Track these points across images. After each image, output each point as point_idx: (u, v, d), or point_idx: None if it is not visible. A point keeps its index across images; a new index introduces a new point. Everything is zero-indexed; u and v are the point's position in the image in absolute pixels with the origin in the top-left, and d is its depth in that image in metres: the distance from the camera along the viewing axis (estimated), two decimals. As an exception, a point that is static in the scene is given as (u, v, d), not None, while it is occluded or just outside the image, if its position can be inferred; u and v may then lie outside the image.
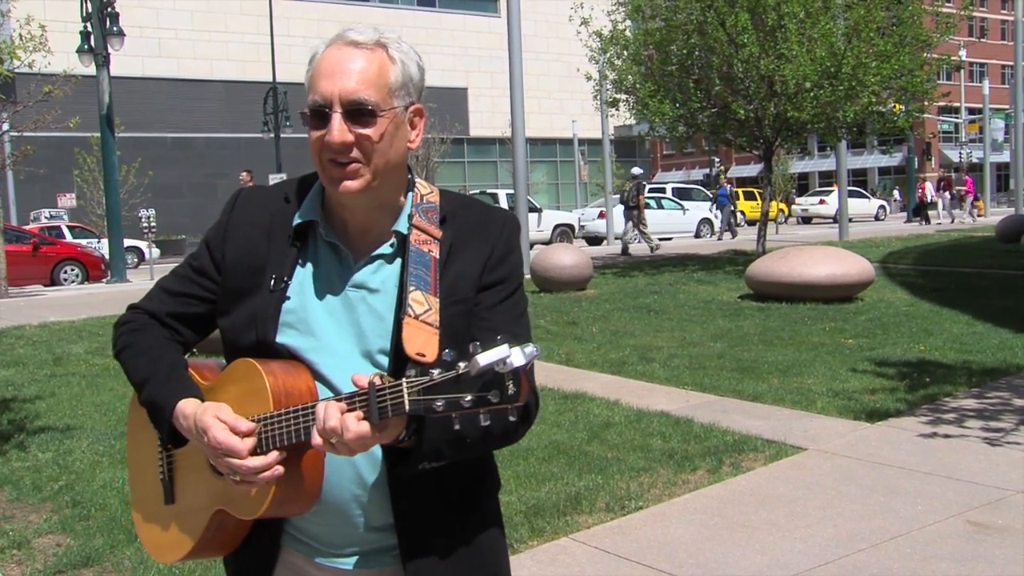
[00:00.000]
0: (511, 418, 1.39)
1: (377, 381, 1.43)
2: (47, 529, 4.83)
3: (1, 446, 6.42)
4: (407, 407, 1.38)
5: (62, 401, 7.83)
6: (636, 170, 24.47)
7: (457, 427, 1.38)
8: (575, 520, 4.78)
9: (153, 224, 22.72)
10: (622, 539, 4.54)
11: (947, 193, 36.28)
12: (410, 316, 1.60)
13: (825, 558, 4.21)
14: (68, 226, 29.53)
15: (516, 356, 1.32)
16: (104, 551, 4.45)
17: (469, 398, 1.34)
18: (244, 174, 20.10)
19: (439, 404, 1.35)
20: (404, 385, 1.39)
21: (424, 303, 1.62)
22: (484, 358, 1.32)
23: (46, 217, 32.33)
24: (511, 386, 1.33)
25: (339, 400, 1.48)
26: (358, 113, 1.61)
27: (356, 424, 1.44)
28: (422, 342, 1.56)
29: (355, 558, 1.72)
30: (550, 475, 5.45)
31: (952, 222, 34.26)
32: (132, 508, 1.91)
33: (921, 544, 4.34)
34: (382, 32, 1.67)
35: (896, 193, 54.35)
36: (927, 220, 34.91)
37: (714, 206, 32.61)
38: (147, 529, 1.85)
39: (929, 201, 36.33)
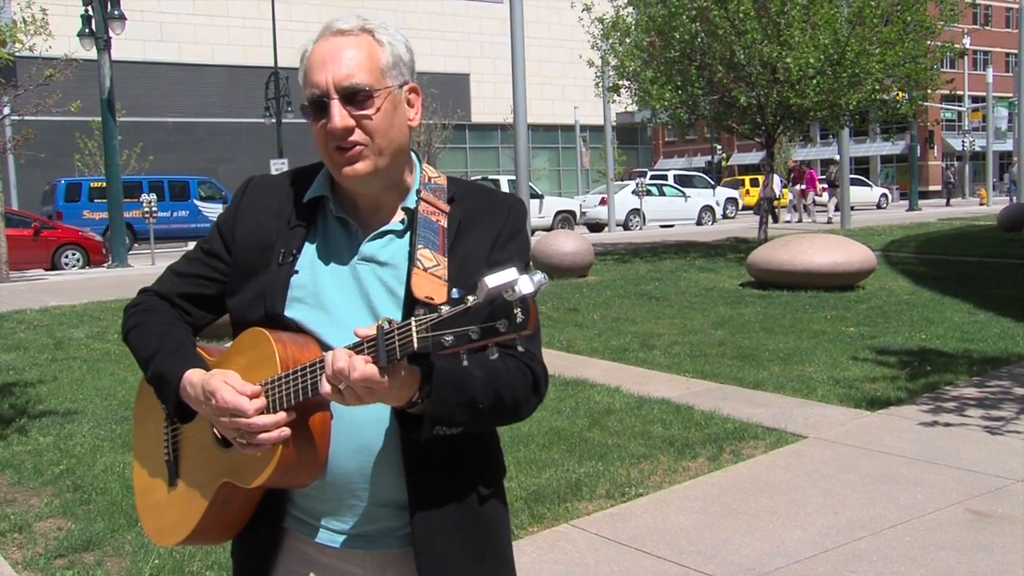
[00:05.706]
0: (519, 348, 1.37)
1: (385, 325, 1.41)
2: (48, 513, 4.85)
3: (2, 430, 6.43)
4: (415, 345, 1.36)
5: (63, 385, 7.84)
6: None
7: (465, 363, 1.36)
8: (575, 507, 4.79)
9: (155, 209, 22.69)
10: (622, 526, 4.55)
11: (797, 186, 32.10)
12: (419, 268, 1.62)
13: (825, 546, 4.22)
14: None
15: (524, 283, 1.30)
16: (105, 535, 4.47)
17: (477, 329, 1.31)
18: None
19: (448, 339, 1.33)
20: (412, 323, 1.37)
21: (433, 259, 1.64)
22: (492, 280, 1.30)
23: None
24: (519, 314, 1.30)
25: (348, 348, 1.46)
26: (354, 96, 1.64)
27: (363, 365, 1.42)
28: (431, 288, 1.57)
29: (360, 538, 1.71)
30: (550, 462, 5.45)
31: (798, 220, 30.65)
32: (136, 497, 1.89)
33: (921, 532, 4.34)
34: (366, 19, 1.72)
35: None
36: (775, 218, 29.16)
37: None
38: (150, 514, 1.84)
39: (776, 196, 29.48)
